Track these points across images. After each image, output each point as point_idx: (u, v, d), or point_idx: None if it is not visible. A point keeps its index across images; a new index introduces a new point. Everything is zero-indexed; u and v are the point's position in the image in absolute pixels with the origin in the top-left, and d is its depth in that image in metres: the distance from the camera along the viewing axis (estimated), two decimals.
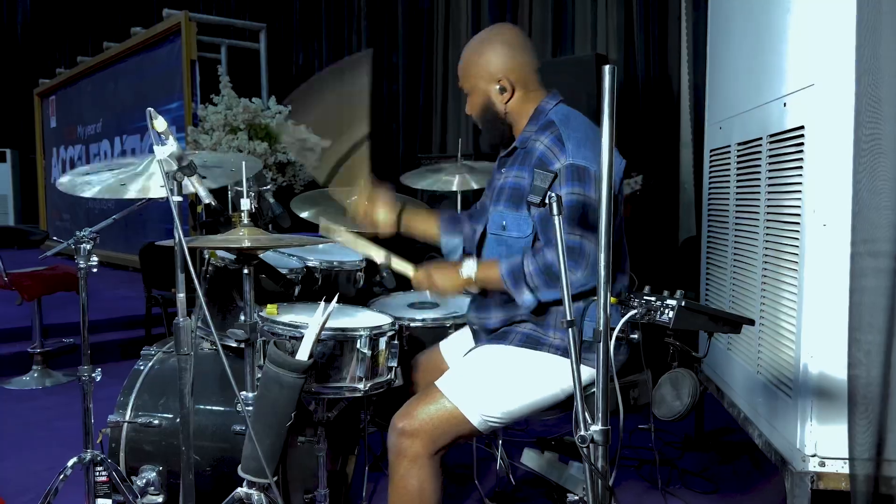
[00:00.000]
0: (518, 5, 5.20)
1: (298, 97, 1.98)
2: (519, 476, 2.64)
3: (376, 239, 1.97)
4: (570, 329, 1.37)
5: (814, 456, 1.89)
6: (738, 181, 2.55)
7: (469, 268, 1.75)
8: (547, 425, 2.96)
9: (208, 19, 6.66)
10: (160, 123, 1.38)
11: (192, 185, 1.51)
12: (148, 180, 1.81)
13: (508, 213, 1.76)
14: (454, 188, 3.06)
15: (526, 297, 1.67)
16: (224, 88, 5.50)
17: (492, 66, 1.79)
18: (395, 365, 1.90)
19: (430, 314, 2.33)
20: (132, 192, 1.75)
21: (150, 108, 1.37)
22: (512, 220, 1.76)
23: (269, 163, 5.39)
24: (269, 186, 2.33)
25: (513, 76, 1.79)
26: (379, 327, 1.85)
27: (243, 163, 1.55)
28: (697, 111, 4.10)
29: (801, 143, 1.95)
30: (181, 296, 1.45)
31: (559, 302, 1.68)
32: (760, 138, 2.29)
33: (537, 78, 1.84)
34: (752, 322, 1.45)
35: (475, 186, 3.02)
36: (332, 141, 1.90)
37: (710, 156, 2.91)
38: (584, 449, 1.36)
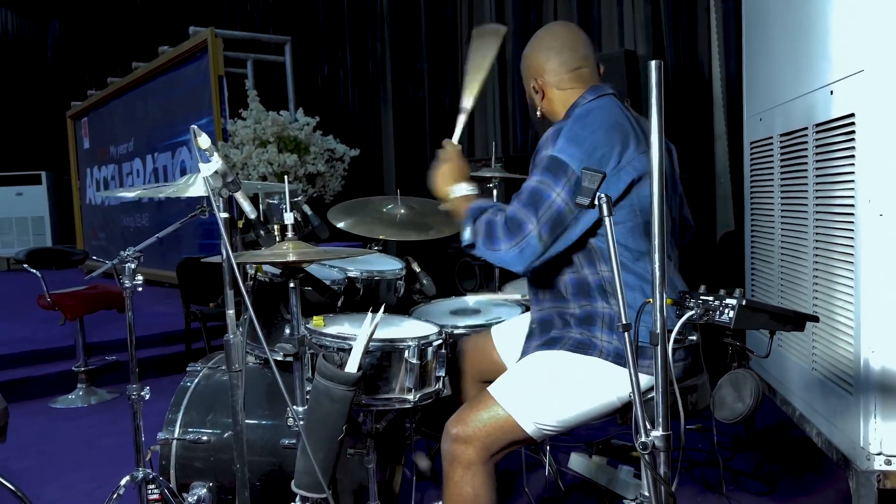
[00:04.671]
0: (542, 4, 5.17)
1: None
2: (568, 481, 2.60)
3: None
4: (626, 333, 1.34)
5: (879, 454, 1.83)
6: (782, 173, 2.49)
7: (460, 190, 1.81)
8: (592, 428, 2.90)
9: (234, 35, 6.73)
10: (204, 140, 1.38)
11: (237, 199, 1.51)
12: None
13: None
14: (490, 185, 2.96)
15: (465, 234, 1.70)
16: (252, 102, 5.55)
17: (530, 69, 1.84)
18: (443, 374, 1.88)
19: (472, 321, 2.30)
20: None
21: (193, 126, 1.37)
22: None
23: (299, 174, 5.42)
24: (300, 198, 2.33)
25: (545, 77, 1.81)
26: (426, 337, 1.83)
27: (286, 178, 1.54)
28: (731, 103, 4.03)
29: (852, 132, 1.89)
30: (230, 312, 1.44)
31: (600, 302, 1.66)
32: (806, 128, 2.22)
33: (576, 76, 1.80)
34: (816, 318, 1.40)
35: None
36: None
37: (751, 148, 2.85)
38: (647, 455, 1.32)
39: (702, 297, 1.39)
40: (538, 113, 1.87)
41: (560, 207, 1.59)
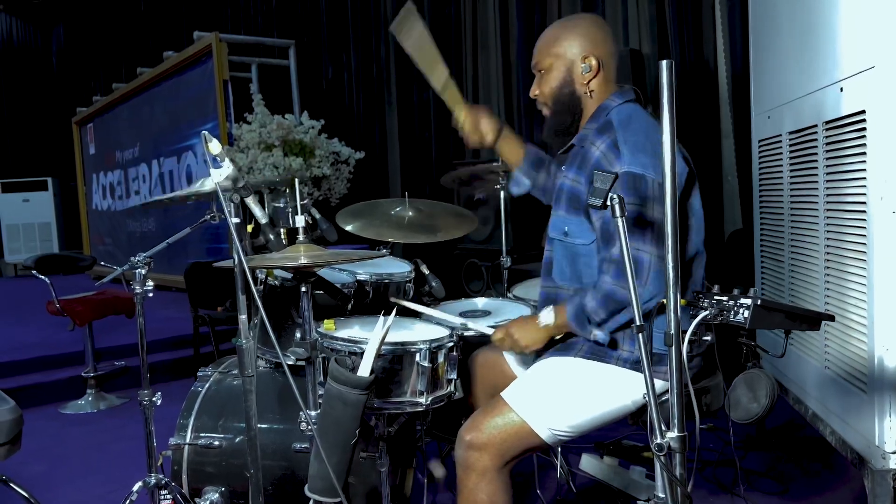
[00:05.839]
0: (547, 3, 5.15)
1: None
2: (580, 483, 2.59)
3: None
4: (640, 335, 1.33)
5: (895, 453, 1.82)
6: (791, 171, 2.47)
7: (547, 317, 1.70)
8: (603, 430, 2.88)
9: (238, 39, 6.74)
10: (215, 146, 1.38)
11: (248, 204, 1.51)
12: None
13: (570, 219, 1.71)
14: (497, 186, 3.10)
15: (597, 335, 1.62)
16: (257, 106, 5.56)
17: (584, 41, 1.71)
18: (455, 377, 1.87)
19: (483, 322, 2.29)
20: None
21: (204, 132, 1.37)
22: (575, 225, 1.70)
23: (305, 177, 5.42)
24: (306, 201, 2.33)
25: (602, 57, 1.72)
26: (438, 339, 1.82)
27: (296, 180, 1.54)
28: (737, 101, 4.01)
29: (863, 129, 1.88)
30: (243, 317, 1.44)
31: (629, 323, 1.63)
32: (815, 126, 2.21)
33: (615, 73, 1.77)
34: (832, 317, 1.40)
35: None
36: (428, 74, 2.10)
37: (759, 146, 2.84)
38: (662, 457, 1.31)
39: (716, 297, 1.38)
40: (579, 93, 1.73)
41: (661, 220, 1.51)
